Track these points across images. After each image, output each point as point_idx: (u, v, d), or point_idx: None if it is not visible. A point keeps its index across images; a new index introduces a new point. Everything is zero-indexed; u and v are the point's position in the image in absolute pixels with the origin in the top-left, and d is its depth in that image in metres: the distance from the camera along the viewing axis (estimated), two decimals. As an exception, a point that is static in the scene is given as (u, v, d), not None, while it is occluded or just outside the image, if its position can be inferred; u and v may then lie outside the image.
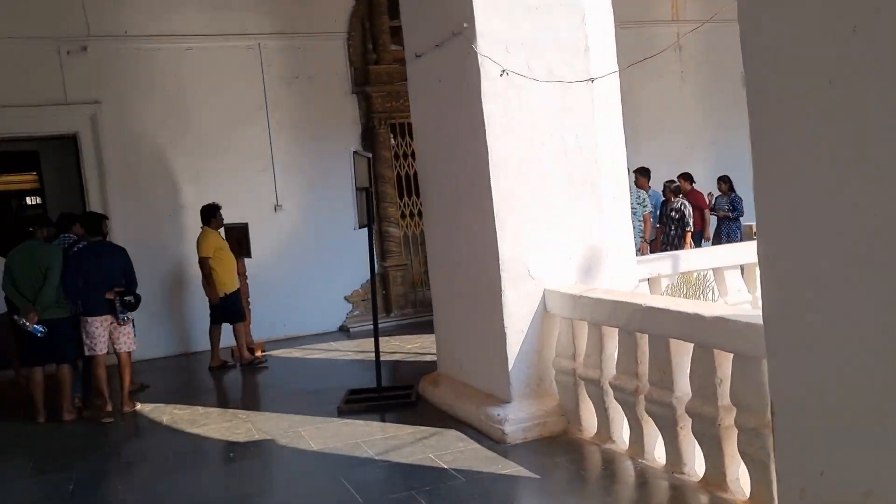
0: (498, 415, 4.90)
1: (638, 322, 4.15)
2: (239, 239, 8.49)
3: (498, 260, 4.91)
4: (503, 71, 4.71)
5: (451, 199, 5.55)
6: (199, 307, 8.97)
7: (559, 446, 4.74)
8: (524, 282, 4.96)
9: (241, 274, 8.57)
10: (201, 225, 8.03)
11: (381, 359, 7.20)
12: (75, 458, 5.39)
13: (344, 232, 9.46)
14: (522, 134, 4.94)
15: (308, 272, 9.30)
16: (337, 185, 9.46)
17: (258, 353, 8.42)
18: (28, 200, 13.65)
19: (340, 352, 8.50)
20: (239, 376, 7.90)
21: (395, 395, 6.10)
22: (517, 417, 4.86)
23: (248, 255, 8.46)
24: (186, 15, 8.91)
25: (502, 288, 4.92)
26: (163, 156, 8.92)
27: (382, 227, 9.79)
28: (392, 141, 9.75)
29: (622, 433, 4.57)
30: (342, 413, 5.82)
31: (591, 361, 4.63)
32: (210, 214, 7.98)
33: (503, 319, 4.93)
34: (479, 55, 4.80)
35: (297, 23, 9.34)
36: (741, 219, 10.17)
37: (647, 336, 4.15)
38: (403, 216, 9.93)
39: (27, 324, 6.13)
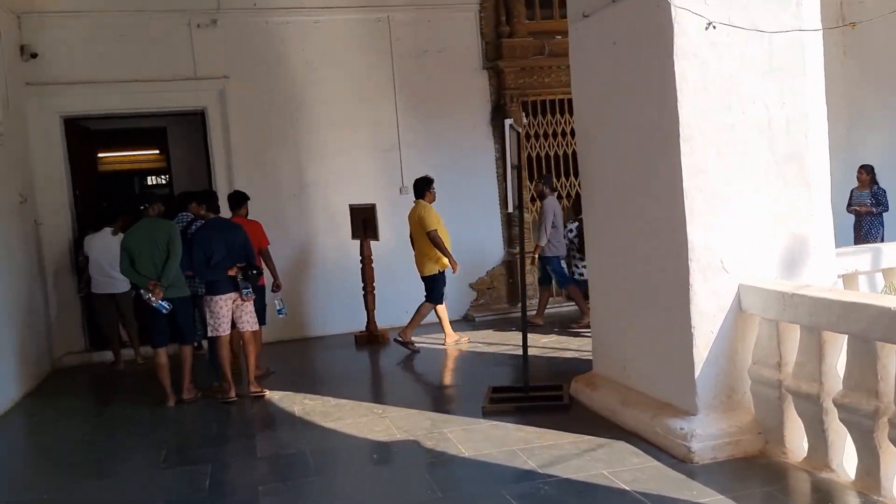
0: (682, 428, 4.21)
1: (883, 329, 3.36)
2: (365, 220, 8.09)
3: (686, 248, 4.20)
4: (709, 24, 3.99)
5: (622, 178, 4.86)
6: (322, 289, 8.67)
7: (759, 470, 4.01)
8: (716, 275, 4.24)
9: (367, 257, 8.18)
10: (415, 199, 7.64)
11: (514, 353, 6.68)
12: (208, 449, 5.07)
13: (470, 216, 8.95)
14: (720, 100, 4.20)
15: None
16: (464, 166, 8.95)
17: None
18: (150, 180, 13.78)
19: (469, 343, 7.97)
20: (364, 364, 7.51)
21: (544, 395, 5.50)
22: (706, 433, 4.15)
23: (376, 237, 8.03)
24: (316, -14, 8.55)
25: (690, 281, 4.21)
26: (288, 133, 8.61)
27: (512, 212, 9.18)
28: (524, 120, 9.10)
29: (842, 460, 3.81)
30: (487, 413, 5.27)
31: (804, 372, 3.87)
32: (425, 187, 7.60)
33: (690, 318, 4.22)
34: (672, 7, 4.08)
35: (427, -7, 8.83)
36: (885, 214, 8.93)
37: (894, 347, 3.37)
38: (533, 199, 9.27)
39: (152, 299, 5.93)
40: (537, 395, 5.47)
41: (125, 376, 7.48)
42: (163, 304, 5.96)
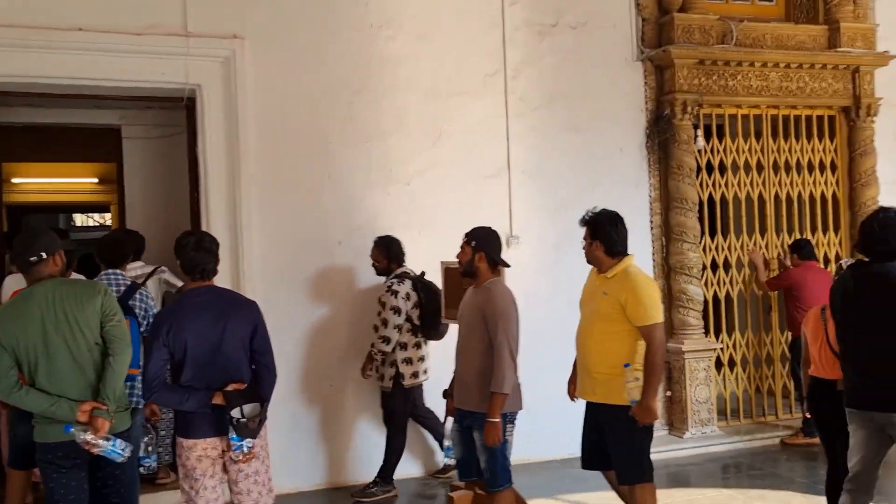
0: None
1: None
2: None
3: None
4: None
5: None
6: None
7: None
8: None
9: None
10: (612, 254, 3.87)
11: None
12: None
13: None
14: None
15: (555, 354, 5.21)
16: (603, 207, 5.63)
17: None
18: (77, 219, 9.97)
19: None
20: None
21: None
22: None
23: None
24: None
25: None
26: (331, 139, 5.20)
27: (674, 285, 5.89)
28: (701, 142, 5.91)
29: None
30: None
31: None
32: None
33: None
34: None
35: (560, -61, 5.68)
36: None
37: None
38: (715, 267, 6.06)
39: (92, 439, 3.00)
40: None
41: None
42: (115, 446, 3.07)
